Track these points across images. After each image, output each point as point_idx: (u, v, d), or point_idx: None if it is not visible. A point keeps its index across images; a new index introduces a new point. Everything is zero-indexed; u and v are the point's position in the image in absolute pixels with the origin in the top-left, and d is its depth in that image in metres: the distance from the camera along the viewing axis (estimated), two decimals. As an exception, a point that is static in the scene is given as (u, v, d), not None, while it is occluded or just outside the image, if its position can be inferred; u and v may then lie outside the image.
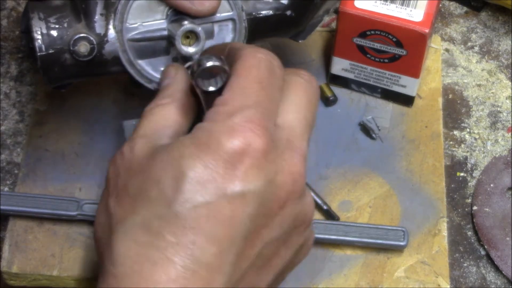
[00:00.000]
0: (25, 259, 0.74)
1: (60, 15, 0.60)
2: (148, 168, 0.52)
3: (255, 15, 0.66)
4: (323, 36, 0.88)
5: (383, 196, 0.78)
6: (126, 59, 0.62)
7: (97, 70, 0.63)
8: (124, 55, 0.62)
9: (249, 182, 0.50)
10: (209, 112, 0.53)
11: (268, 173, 0.51)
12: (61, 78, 0.62)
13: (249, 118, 0.51)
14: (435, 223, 0.77)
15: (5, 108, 0.86)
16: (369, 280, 0.74)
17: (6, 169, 0.82)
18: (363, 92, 0.85)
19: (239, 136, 0.50)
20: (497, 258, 0.77)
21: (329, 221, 0.76)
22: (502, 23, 0.93)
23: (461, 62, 0.90)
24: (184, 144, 0.51)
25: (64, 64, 0.60)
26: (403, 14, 0.77)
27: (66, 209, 0.75)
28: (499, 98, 0.87)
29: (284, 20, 0.67)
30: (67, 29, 0.60)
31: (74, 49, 0.60)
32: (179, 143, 0.51)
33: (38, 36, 0.59)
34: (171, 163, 0.50)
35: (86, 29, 0.61)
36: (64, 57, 0.60)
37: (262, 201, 0.51)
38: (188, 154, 0.50)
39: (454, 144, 0.84)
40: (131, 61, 0.63)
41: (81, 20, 0.61)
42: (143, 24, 0.62)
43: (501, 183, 0.81)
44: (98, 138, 0.81)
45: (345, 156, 0.81)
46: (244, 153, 0.50)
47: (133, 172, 0.53)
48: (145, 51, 0.63)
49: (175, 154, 0.51)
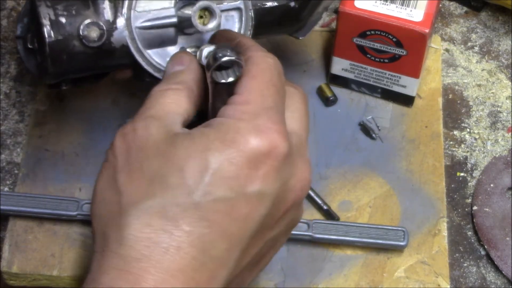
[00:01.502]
0: (25, 259, 0.74)
1: (67, 3, 0.59)
2: (168, 153, 0.51)
3: (260, 5, 0.66)
4: (323, 36, 0.88)
5: (383, 196, 0.78)
6: (135, 47, 0.62)
7: (104, 61, 0.62)
8: (133, 43, 0.62)
9: (268, 184, 0.51)
10: (229, 109, 0.53)
11: (284, 176, 0.53)
12: (68, 69, 0.61)
13: (274, 121, 0.52)
14: (435, 223, 0.77)
15: (5, 108, 0.86)
16: (369, 280, 0.74)
17: (6, 169, 0.82)
18: (363, 92, 0.85)
19: (266, 137, 0.51)
20: (497, 258, 0.77)
21: (329, 221, 0.76)
22: (502, 23, 0.93)
23: (461, 62, 0.90)
24: (210, 138, 0.51)
25: (73, 52, 0.59)
26: (403, 14, 0.77)
27: (66, 209, 0.75)
28: (499, 98, 0.87)
29: (287, 12, 0.68)
30: (75, 16, 0.59)
31: (84, 34, 0.59)
32: (204, 136, 0.51)
33: (47, 22, 0.58)
34: (195, 153, 0.50)
35: (95, 16, 0.60)
36: (73, 44, 0.59)
37: (274, 203, 0.52)
38: (214, 148, 0.50)
39: (454, 144, 0.84)
40: (139, 49, 0.62)
41: (89, 7, 0.60)
42: (151, 12, 0.62)
43: (501, 183, 0.81)
44: (98, 138, 0.81)
45: (345, 156, 0.81)
46: (268, 154, 0.51)
47: (150, 153, 0.52)
48: (153, 40, 0.63)
49: (200, 145, 0.51)
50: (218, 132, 0.51)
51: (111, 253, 0.50)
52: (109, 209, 0.52)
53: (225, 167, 0.50)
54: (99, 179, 0.54)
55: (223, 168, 0.50)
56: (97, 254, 0.51)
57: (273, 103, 0.53)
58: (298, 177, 0.54)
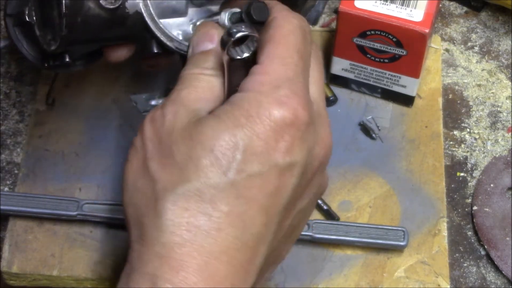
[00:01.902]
0: (25, 259, 0.74)
1: None
2: (196, 135, 0.51)
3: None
4: (323, 36, 0.88)
5: (383, 196, 0.78)
6: (148, 14, 0.61)
7: (115, 30, 0.60)
8: (146, 9, 0.61)
9: (296, 154, 0.51)
10: (249, 81, 0.53)
11: (309, 144, 0.53)
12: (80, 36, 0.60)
13: (294, 91, 0.52)
14: (435, 223, 0.77)
15: (5, 108, 0.86)
16: (369, 280, 0.74)
17: (6, 169, 0.82)
18: (363, 92, 0.85)
19: (288, 108, 0.51)
20: (497, 258, 0.77)
21: (329, 221, 0.76)
22: (502, 23, 0.93)
23: (461, 62, 0.90)
24: (234, 114, 0.51)
25: (87, 15, 0.58)
26: (403, 14, 0.77)
27: (66, 209, 0.75)
28: (499, 98, 0.87)
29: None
30: None
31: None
32: (229, 113, 0.51)
33: None
34: (223, 133, 0.50)
35: None
36: (88, 6, 0.58)
37: (303, 172, 0.53)
38: (240, 124, 0.50)
39: (454, 144, 0.84)
40: (153, 16, 0.61)
41: None
42: None
43: (501, 183, 0.81)
44: (98, 138, 0.81)
45: (345, 156, 0.81)
46: (292, 124, 0.51)
47: (178, 137, 0.52)
48: (165, 9, 0.62)
49: (227, 124, 0.51)
50: (241, 108, 0.51)
51: (151, 241, 0.49)
52: (143, 198, 0.51)
53: (254, 142, 0.50)
54: (128, 167, 0.53)
55: (252, 143, 0.50)
56: (135, 244, 0.51)
57: (295, 71, 0.53)
58: (320, 143, 0.54)
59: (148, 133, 0.53)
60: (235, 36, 0.53)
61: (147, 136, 0.53)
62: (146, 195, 0.51)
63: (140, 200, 0.52)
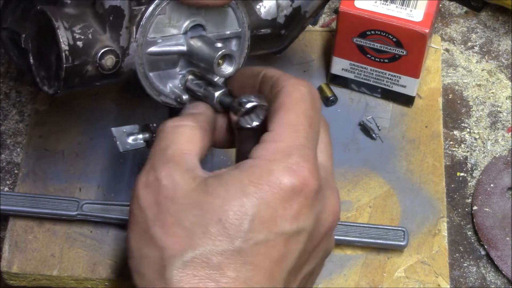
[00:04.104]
0: (25, 259, 0.74)
1: (83, 24, 0.59)
2: (204, 203, 0.51)
3: (255, 32, 0.67)
4: (323, 36, 0.88)
5: (383, 196, 0.78)
6: (142, 72, 0.62)
7: (109, 81, 0.62)
8: (140, 68, 0.62)
9: (304, 221, 0.52)
10: (261, 149, 0.53)
11: (317, 211, 0.53)
12: (75, 88, 0.61)
13: (305, 158, 0.52)
14: (435, 223, 0.77)
15: (5, 108, 0.86)
16: (369, 280, 0.74)
17: (6, 169, 0.82)
18: (363, 92, 0.85)
19: (298, 176, 0.52)
20: (497, 258, 0.77)
21: (329, 221, 0.76)
22: (502, 23, 0.93)
23: (461, 62, 0.90)
24: (243, 182, 0.51)
25: (85, 76, 0.60)
26: (403, 14, 0.77)
27: (66, 209, 0.75)
28: (499, 98, 0.87)
29: (276, 38, 0.70)
30: (92, 41, 0.59)
31: (101, 62, 0.59)
32: (238, 180, 0.52)
33: (66, 47, 0.58)
34: (232, 201, 0.51)
35: (111, 41, 0.60)
36: (86, 69, 0.59)
37: (309, 238, 0.53)
38: (250, 193, 0.51)
39: (454, 144, 0.84)
40: (145, 74, 0.63)
41: (105, 31, 0.60)
42: (162, 38, 0.62)
43: (501, 183, 0.81)
44: (98, 138, 0.81)
45: (345, 156, 0.81)
46: (301, 192, 0.52)
47: (183, 204, 0.52)
48: (158, 64, 0.63)
49: (235, 192, 0.51)
50: (252, 176, 0.52)
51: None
52: (150, 265, 0.52)
53: (262, 210, 0.51)
54: (131, 235, 0.54)
55: (260, 212, 0.51)
56: None
57: (306, 138, 0.54)
58: (328, 210, 0.55)
59: (145, 201, 0.53)
60: (245, 106, 0.55)
61: (144, 204, 0.53)
62: (154, 263, 0.52)
63: (147, 268, 0.52)
